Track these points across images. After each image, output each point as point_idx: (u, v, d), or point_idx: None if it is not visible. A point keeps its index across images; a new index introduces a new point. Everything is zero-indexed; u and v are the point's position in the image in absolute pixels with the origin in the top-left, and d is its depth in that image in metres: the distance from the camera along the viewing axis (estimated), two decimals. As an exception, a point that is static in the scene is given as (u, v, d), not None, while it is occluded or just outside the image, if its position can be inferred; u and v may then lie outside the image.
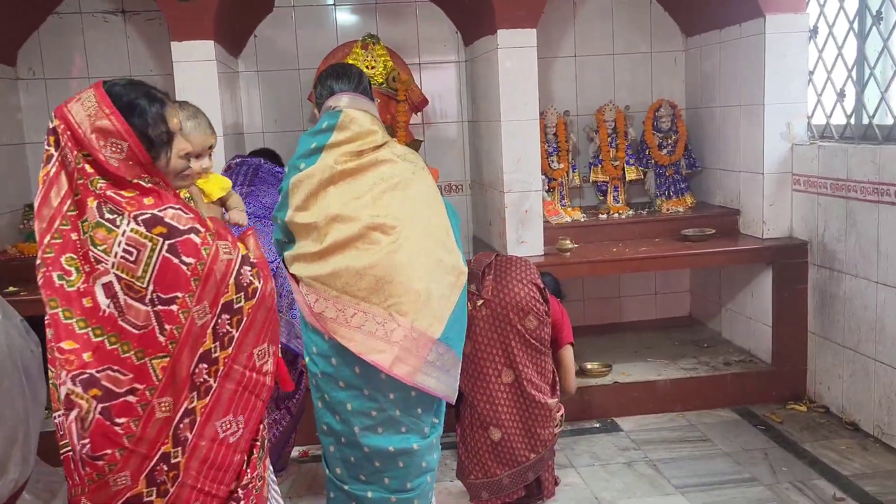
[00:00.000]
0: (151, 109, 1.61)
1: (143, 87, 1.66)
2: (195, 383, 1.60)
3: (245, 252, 1.71)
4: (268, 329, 1.74)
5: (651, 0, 4.67)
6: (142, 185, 1.61)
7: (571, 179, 4.58)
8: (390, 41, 4.39)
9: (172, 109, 1.69)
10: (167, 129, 1.64)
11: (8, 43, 4.17)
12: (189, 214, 1.64)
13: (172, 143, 1.67)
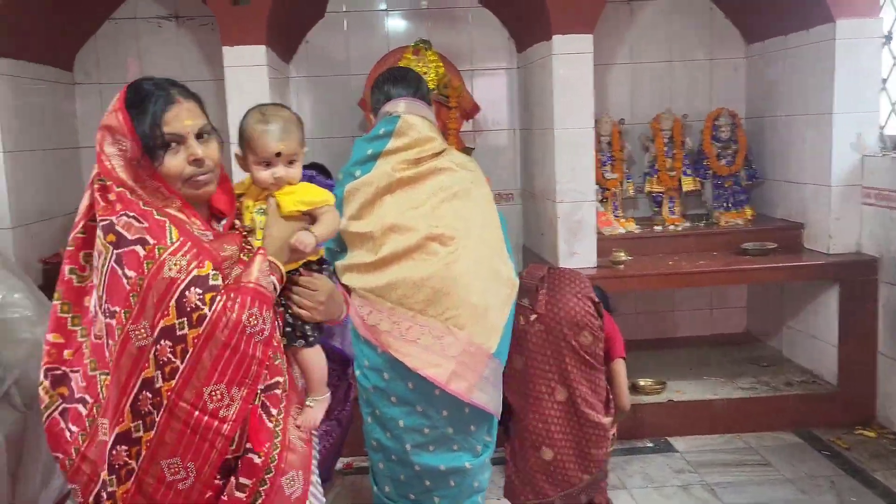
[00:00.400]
0: (153, 108, 1.48)
1: (163, 86, 1.53)
2: (140, 411, 1.43)
3: (203, 273, 1.45)
4: (226, 368, 1.45)
5: (712, 6, 4.53)
6: (124, 189, 1.49)
7: (625, 190, 4.45)
8: (442, 47, 4.33)
9: (186, 111, 1.52)
10: (161, 131, 1.48)
11: (65, 48, 4.22)
12: (143, 224, 1.46)
13: (176, 146, 1.50)
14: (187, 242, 1.47)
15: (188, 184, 1.53)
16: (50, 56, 4.02)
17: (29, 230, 3.74)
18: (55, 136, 4.05)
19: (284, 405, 1.59)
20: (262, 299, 1.50)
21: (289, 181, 1.69)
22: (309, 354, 1.72)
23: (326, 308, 1.70)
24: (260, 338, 1.50)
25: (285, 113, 1.72)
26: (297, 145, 1.70)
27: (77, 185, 4.23)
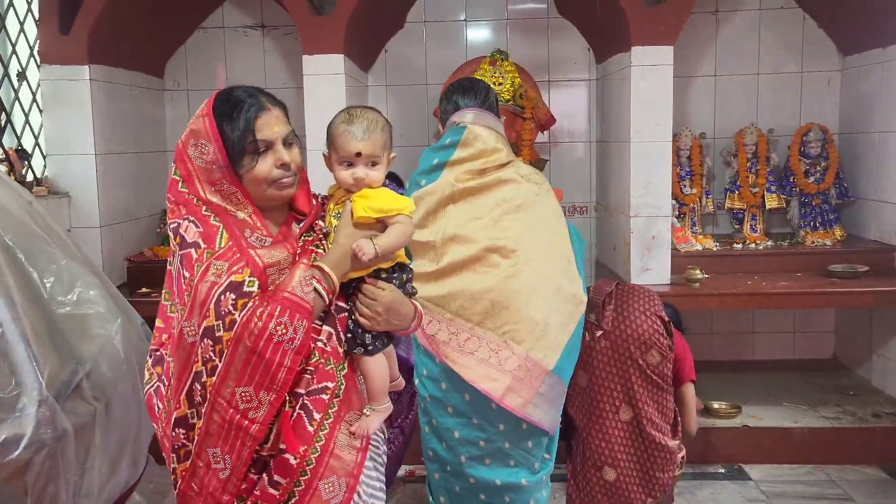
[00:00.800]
0: (243, 115, 1.55)
1: (254, 94, 1.60)
2: (194, 400, 1.55)
3: (239, 279, 1.51)
4: (254, 373, 1.50)
5: (805, 16, 4.35)
6: (192, 194, 1.59)
7: (704, 205, 4.32)
8: (521, 58, 4.31)
9: (276, 118, 1.59)
10: (253, 137, 1.55)
11: (158, 57, 4.40)
12: (200, 228, 1.56)
13: (263, 153, 1.57)
14: (232, 248, 1.54)
15: (273, 186, 1.60)
16: (142, 63, 4.20)
17: (116, 229, 3.91)
18: (144, 140, 4.23)
19: (335, 410, 1.61)
20: (295, 308, 1.52)
21: (368, 183, 1.69)
22: (368, 363, 1.69)
23: (387, 318, 1.67)
24: (290, 346, 1.51)
25: (371, 115, 1.72)
26: (379, 147, 1.70)
27: (163, 187, 4.39)
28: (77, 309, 2.06)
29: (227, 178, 1.57)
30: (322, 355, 1.61)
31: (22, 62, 3.74)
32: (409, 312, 1.73)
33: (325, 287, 1.59)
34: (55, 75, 3.68)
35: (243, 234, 1.57)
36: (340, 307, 1.67)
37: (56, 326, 2.00)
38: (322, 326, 1.63)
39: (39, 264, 2.03)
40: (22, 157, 3.61)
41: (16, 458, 1.77)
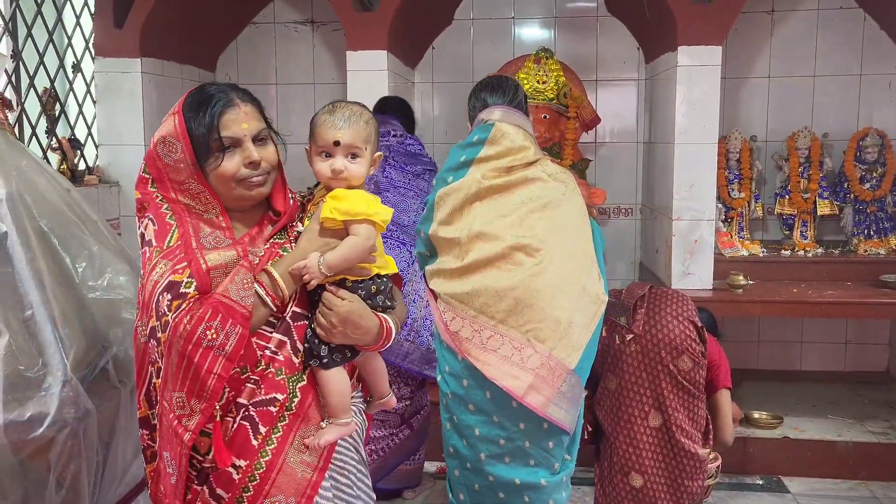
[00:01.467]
0: (209, 112, 1.49)
1: (224, 90, 1.55)
2: (152, 401, 1.53)
3: (177, 279, 1.45)
4: (185, 378, 1.43)
5: (865, 17, 4.20)
6: (157, 191, 1.56)
7: (753, 210, 4.20)
8: (568, 56, 4.27)
9: (244, 114, 1.53)
10: (218, 134, 1.50)
11: (211, 51, 4.50)
12: (155, 226, 1.53)
13: (229, 150, 1.51)
14: (179, 247, 1.50)
15: (242, 184, 1.54)
16: (195, 57, 4.30)
17: (163, 218, 4.02)
18: (194, 132, 4.33)
19: (286, 424, 1.52)
20: (228, 312, 1.44)
21: (347, 178, 1.59)
22: (324, 376, 1.58)
23: (343, 331, 1.55)
24: (220, 353, 1.43)
25: (356, 107, 1.64)
26: (360, 139, 1.60)
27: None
28: (106, 294, 2.12)
29: (194, 177, 1.52)
30: (271, 364, 1.52)
31: (77, 54, 3.87)
32: (370, 327, 1.60)
33: (269, 293, 1.51)
34: (109, 68, 3.80)
35: (199, 234, 1.52)
36: (298, 314, 1.57)
37: (86, 310, 2.06)
38: (272, 334, 1.53)
39: (72, 250, 2.10)
40: (74, 147, 3.73)
41: (39, 436, 1.82)
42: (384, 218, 1.60)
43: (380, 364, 1.76)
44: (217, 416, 1.48)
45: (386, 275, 1.68)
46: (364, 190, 1.65)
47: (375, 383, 1.76)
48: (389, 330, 1.64)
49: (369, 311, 1.61)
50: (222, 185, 1.54)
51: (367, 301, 1.61)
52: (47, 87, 3.62)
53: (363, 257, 1.59)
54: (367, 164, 1.63)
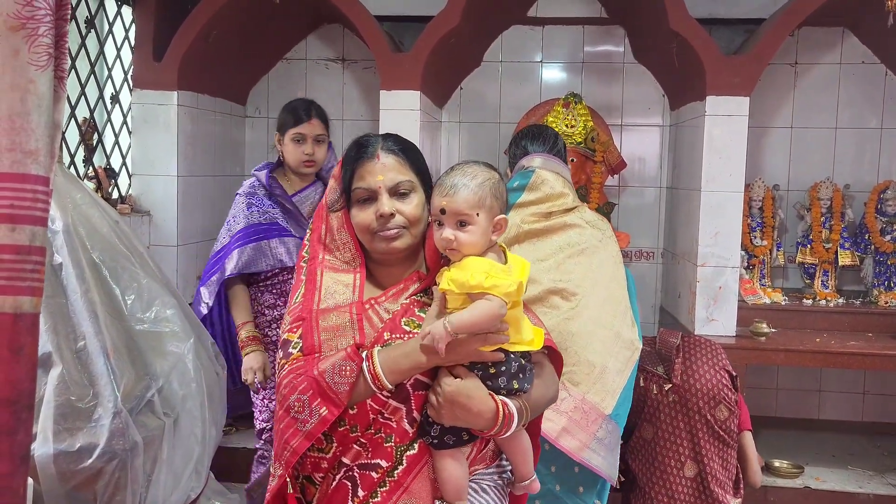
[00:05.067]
0: (350, 162, 1.58)
1: (370, 140, 1.59)
2: None
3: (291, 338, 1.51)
4: (276, 440, 1.48)
5: (886, 72, 4.27)
6: (311, 242, 1.63)
7: (775, 258, 4.24)
8: (594, 100, 4.34)
9: (382, 166, 1.55)
10: (351, 185, 1.56)
11: (242, 84, 4.59)
12: (293, 281, 1.63)
13: (366, 201, 1.56)
14: (300, 305, 1.52)
15: (377, 237, 1.53)
16: (227, 91, 4.39)
17: (192, 249, 4.07)
18: (223, 164, 4.40)
19: (385, 491, 1.46)
20: (319, 392, 1.41)
21: (458, 248, 1.48)
22: (436, 456, 1.48)
23: (451, 412, 1.43)
24: (301, 427, 1.42)
25: (472, 168, 1.52)
26: (468, 204, 1.47)
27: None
28: (154, 326, 2.16)
29: (343, 226, 1.57)
30: (382, 429, 1.47)
31: (116, 86, 3.95)
32: (482, 411, 1.44)
33: (376, 377, 1.44)
34: (146, 100, 3.88)
35: (323, 292, 1.52)
36: (420, 382, 1.49)
37: (133, 342, 2.10)
38: (389, 399, 1.47)
39: (122, 282, 2.15)
40: (109, 176, 3.80)
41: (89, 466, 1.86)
42: (507, 290, 1.43)
43: (523, 443, 1.59)
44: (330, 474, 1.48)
45: (523, 352, 1.52)
46: (497, 256, 1.53)
47: (516, 463, 1.62)
48: (509, 416, 1.46)
49: (483, 393, 1.45)
50: (362, 236, 1.56)
51: (487, 382, 1.47)
52: (86, 117, 3.69)
53: (489, 324, 1.43)
54: (481, 232, 1.49)
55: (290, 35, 4.58)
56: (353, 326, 1.49)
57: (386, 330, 1.50)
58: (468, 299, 1.43)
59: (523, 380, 1.50)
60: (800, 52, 4.34)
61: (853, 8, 3.84)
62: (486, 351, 1.46)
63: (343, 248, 1.57)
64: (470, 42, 4.30)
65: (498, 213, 1.53)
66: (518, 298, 1.48)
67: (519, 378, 1.49)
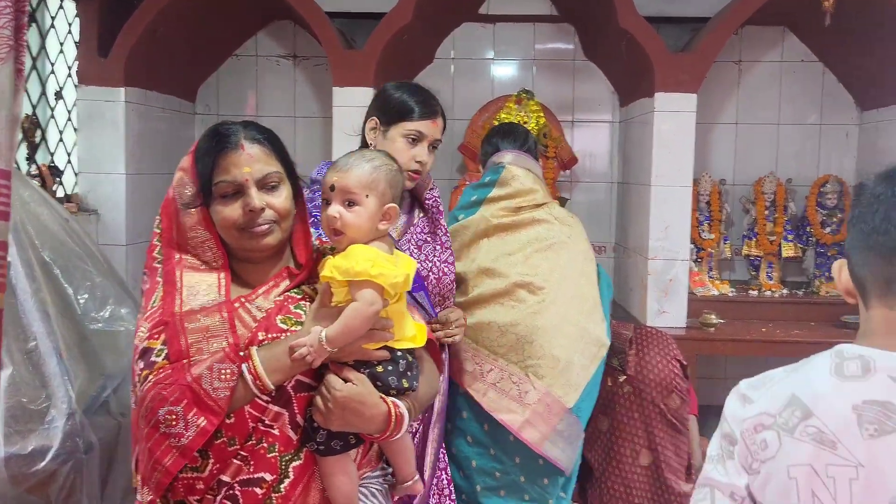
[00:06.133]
0: (211, 153, 1.39)
1: (233, 130, 1.42)
2: None
3: (152, 345, 1.32)
4: (142, 461, 1.32)
5: (825, 70, 4.42)
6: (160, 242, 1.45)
7: (722, 251, 4.35)
8: (545, 97, 4.39)
9: (248, 157, 1.39)
10: (212, 178, 1.39)
11: (191, 81, 4.51)
12: (147, 284, 1.43)
13: (233, 196, 1.40)
14: (159, 309, 1.37)
15: (245, 234, 1.40)
16: (175, 87, 4.31)
17: (141, 248, 3.98)
18: (173, 161, 4.28)
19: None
20: (194, 401, 1.27)
21: (343, 227, 1.41)
22: (323, 463, 1.38)
23: (342, 417, 1.34)
24: (175, 443, 1.27)
25: (369, 153, 1.48)
26: (359, 184, 1.41)
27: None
28: (108, 325, 2.12)
29: (202, 224, 1.40)
30: (264, 439, 1.34)
31: (59, 81, 3.85)
32: (374, 415, 1.38)
33: (257, 378, 1.32)
34: (91, 96, 3.78)
35: (184, 294, 1.37)
36: (303, 384, 1.38)
37: (87, 342, 2.06)
38: (269, 405, 1.34)
39: (74, 281, 2.10)
40: (53, 174, 3.70)
41: (42, 469, 1.81)
42: (393, 281, 1.37)
43: (406, 443, 1.52)
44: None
45: (408, 350, 1.46)
46: (386, 247, 1.46)
47: (398, 464, 1.54)
48: (400, 418, 1.41)
49: (374, 397, 1.38)
50: (226, 233, 1.42)
51: (377, 383, 1.40)
52: (29, 113, 3.59)
53: (364, 328, 1.36)
54: (368, 215, 1.43)
55: (241, 31, 4.52)
56: (225, 327, 1.35)
57: (261, 329, 1.37)
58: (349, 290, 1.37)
59: (412, 378, 1.45)
60: (743, 51, 4.46)
61: (792, 8, 3.97)
62: (372, 349, 1.40)
63: (201, 246, 1.41)
64: (422, 39, 4.31)
65: (390, 201, 1.45)
66: (402, 292, 1.43)
67: (408, 376, 1.44)
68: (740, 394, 1.18)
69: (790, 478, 1.06)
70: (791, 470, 1.05)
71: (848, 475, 1.02)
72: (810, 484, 1.04)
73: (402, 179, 1.53)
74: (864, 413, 1.04)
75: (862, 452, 1.02)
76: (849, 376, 1.07)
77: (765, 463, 1.08)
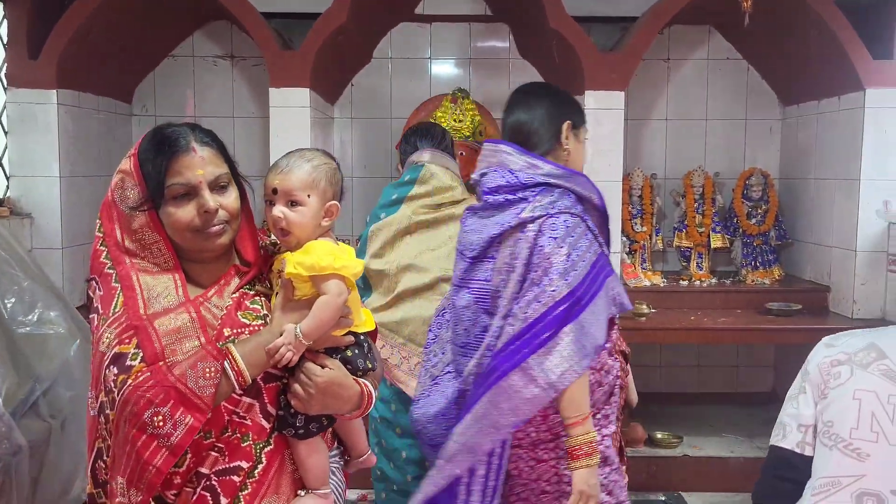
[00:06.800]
0: (163, 156, 1.40)
1: (181, 133, 1.44)
2: (98, 479, 1.43)
3: (124, 350, 1.34)
4: (127, 465, 1.32)
5: (749, 67, 4.60)
6: (106, 246, 1.45)
7: (654, 243, 4.50)
8: (483, 96, 4.48)
9: (200, 160, 1.42)
10: (165, 181, 1.40)
11: (126, 82, 4.48)
12: (101, 291, 1.42)
13: (184, 197, 1.42)
14: (124, 313, 1.38)
15: (199, 235, 1.43)
16: (110, 88, 4.28)
17: (78, 251, 3.96)
18: (110, 164, 4.29)
19: (248, 493, 1.41)
20: (180, 400, 1.32)
21: (288, 227, 1.48)
22: (299, 446, 1.48)
23: (322, 402, 1.44)
24: (165, 443, 1.31)
25: (309, 153, 1.54)
26: (300, 185, 1.47)
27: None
28: (37, 329, 2.13)
29: (150, 226, 1.42)
30: (238, 430, 1.41)
31: (-10, 84, 3.80)
32: (351, 396, 1.49)
33: (238, 372, 1.38)
34: (22, 98, 3.74)
35: (146, 296, 1.40)
36: (271, 375, 1.45)
37: (15, 345, 2.06)
38: (242, 397, 1.41)
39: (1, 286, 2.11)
40: (-14, 177, 3.66)
41: (-29, 472, 1.83)
42: (354, 271, 1.47)
43: (358, 421, 1.63)
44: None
45: (364, 333, 1.56)
46: (331, 241, 1.53)
47: (354, 442, 1.66)
48: (370, 396, 1.52)
49: (350, 380, 1.49)
50: (178, 235, 1.44)
51: (347, 366, 1.50)
52: (-43, 116, 3.55)
53: (334, 318, 1.45)
54: (311, 214, 1.49)
55: (176, 32, 4.50)
56: (195, 326, 1.40)
57: (225, 326, 1.43)
58: (308, 281, 1.44)
59: (372, 358, 1.57)
60: (672, 49, 4.62)
61: (716, 8, 4.11)
62: (339, 335, 1.49)
63: (150, 248, 1.44)
64: (359, 39, 4.36)
65: (331, 199, 1.52)
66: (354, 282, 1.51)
67: (370, 357, 1.55)
68: (825, 343, 1.43)
69: (854, 399, 1.28)
70: (856, 393, 1.28)
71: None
72: (871, 406, 1.27)
73: (341, 177, 1.59)
74: None
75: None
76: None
77: (834, 389, 1.32)
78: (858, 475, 1.24)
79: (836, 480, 1.26)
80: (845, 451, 1.27)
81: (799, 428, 1.31)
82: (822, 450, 1.30)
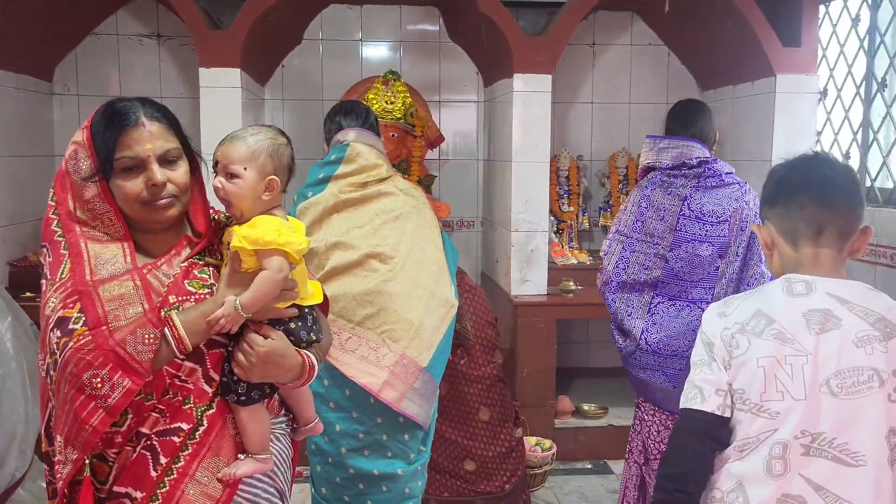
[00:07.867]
0: (113, 129, 1.45)
1: (131, 107, 1.47)
2: (51, 437, 1.46)
3: (67, 314, 1.38)
4: (66, 424, 1.37)
5: (669, 53, 4.78)
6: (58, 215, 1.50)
7: (581, 223, 4.65)
8: (414, 78, 4.53)
9: (149, 134, 1.46)
10: (122, 153, 1.45)
11: (46, 60, 4.36)
12: (50, 258, 1.46)
13: (134, 170, 1.46)
14: (70, 279, 1.42)
15: (147, 207, 1.48)
16: (30, 66, 4.16)
17: (2, 231, 3.86)
18: (30, 144, 4.18)
19: (188, 454, 1.46)
20: (119, 364, 1.36)
21: (226, 197, 1.53)
22: (241, 412, 1.52)
23: (263, 370, 1.49)
24: (102, 404, 1.35)
25: (255, 129, 1.58)
26: (238, 158, 1.52)
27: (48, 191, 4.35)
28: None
29: (100, 197, 1.46)
30: (179, 392, 1.46)
31: None
32: (292, 366, 1.54)
33: (179, 340, 1.42)
34: (-62, 75, 3.63)
35: (94, 263, 1.44)
36: (214, 341, 1.50)
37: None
38: (184, 361, 1.46)
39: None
40: None
41: None
42: (298, 248, 1.50)
43: (305, 390, 1.68)
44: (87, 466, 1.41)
45: (310, 306, 1.61)
46: (282, 215, 1.58)
47: (301, 409, 1.70)
48: (312, 367, 1.57)
49: (292, 350, 1.54)
50: (127, 207, 1.48)
51: (290, 337, 1.55)
52: None
53: (274, 292, 1.49)
54: (248, 187, 1.53)
55: (98, 9, 4.40)
56: (139, 293, 1.44)
57: (171, 293, 1.48)
58: (253, 255, 1.48)
59: (318, 330, 1.62)
60: (597, 34, 4.76)
61: (638, -5, 4.27)
62: (282, 307, 1.54)
63: (101, 218, 1.49)
64: (290, 20, 4.35)
65: (271, 174, 1.55)
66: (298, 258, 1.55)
67: (314, 329, 1.60)
68: (716, 313, 1.57)
69: (759, 367, 1.45)
70: (759, 361, 1.46)
71: (801, 362, 1.43)
72: (773, 369, 1.44)
73: (287, 152, 1.62)
74: (811, 318, 1.45)
75: (811, 345, 1.43)
76: (797, 294, 1.49)
77: (737, 359, 1.48)
78: (772, 430, 1.43)
79: (756, 438, 1.44)
80: (759, 414, 1.44)
81: (717, 392, 1.48)
82: (739, 414, 1.47)
